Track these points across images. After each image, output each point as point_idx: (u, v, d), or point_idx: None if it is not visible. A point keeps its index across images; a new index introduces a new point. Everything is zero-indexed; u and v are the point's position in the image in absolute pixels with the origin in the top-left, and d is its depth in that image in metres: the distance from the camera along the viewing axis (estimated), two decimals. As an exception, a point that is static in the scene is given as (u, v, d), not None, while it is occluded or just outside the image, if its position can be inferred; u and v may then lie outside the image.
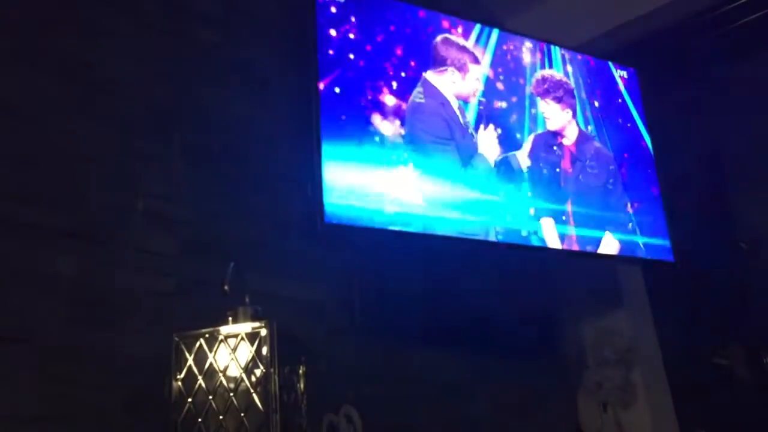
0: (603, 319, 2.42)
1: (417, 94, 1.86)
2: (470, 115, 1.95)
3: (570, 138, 2.15)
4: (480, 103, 1.97)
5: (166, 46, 1.58)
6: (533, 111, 2.10)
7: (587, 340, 2.42)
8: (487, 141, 1.95)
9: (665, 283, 2.56)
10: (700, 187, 2.83)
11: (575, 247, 2.01)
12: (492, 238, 1.87)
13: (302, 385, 1.20)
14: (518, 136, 2.04)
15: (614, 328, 2.38)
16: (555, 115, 2.14)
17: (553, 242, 1.98)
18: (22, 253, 1.23)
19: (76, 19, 1.44)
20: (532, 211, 1.97)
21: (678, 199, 2.41)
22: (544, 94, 2.15)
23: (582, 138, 2.17)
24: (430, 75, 1.90)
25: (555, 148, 2.10)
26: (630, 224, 2.15)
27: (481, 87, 1.99)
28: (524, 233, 1.94)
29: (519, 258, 2.11)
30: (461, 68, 1.97)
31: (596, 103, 2.28)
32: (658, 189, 2.32)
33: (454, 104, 1.91)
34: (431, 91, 1.89)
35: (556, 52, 2.26)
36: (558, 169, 2.08)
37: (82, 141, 1.37)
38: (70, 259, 1.29)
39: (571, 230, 2.03)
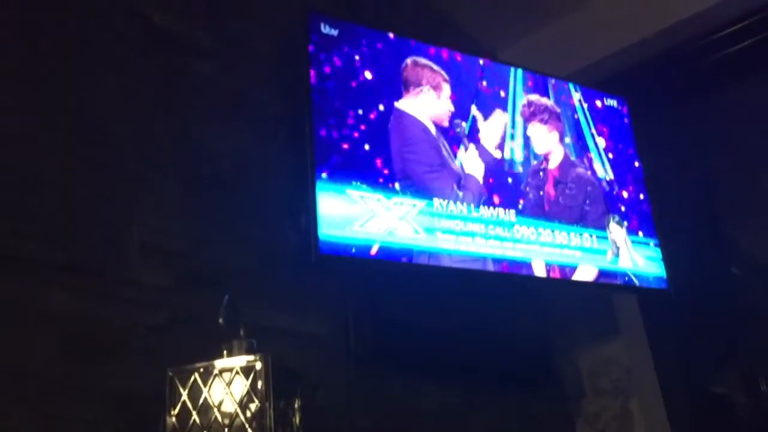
0: (600, 348, 2.42)
1: (396, 127, 1.86)
2: (448, 139, 1.95)
3: (554, 161, 2.17)
4: (456, 125, 1.98)
5: (159, 77, 1.59)
6: (513, 132, 2.11)
7: (584, 370, 2.41)
8: (472, 162, 1.96)
9: (661, 312, 2.56)
10: (694, 213, 2.84)
11: (557, 275, 2.01)
12: (489, 267, 1.87)
13: (298, 419, 1.19)
14: (499, 154, 2.05)
15: (611, 357, 2.38)
16: (542, 138, 2.17)
17: (541, 270, 1.98)
18: (13, 287, 1.22)
19: (73, 52, 1.44)
20: (522, 237, 1.97)
21: (671, 226, 2.42)
22: (531, 117, 2.17)
23: (566, 162, 2.19)
24: (402, 103, 1.90)
25: (541, 173, 2.12)
26: (609, 252, 2.15)
27: (452, 108, 1.99)
28: (518, 262, 1.94)
29: (515, 286, 2.11)
30: (436, 87, 1.98)
31: (590, 129, 2.30)
32: (651, 216, 2.33)
33: (432, 129, 1.92)
34: (409, 120, 1.89)
35: (546, 80, 2.29)
36: (542, 193, 2.09)
37: (76, 174, 1.37)
38: (63, 293, 1.27)
39: (556, 257, 2.02)
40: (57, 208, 1.33)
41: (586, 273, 2.07)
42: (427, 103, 1.94)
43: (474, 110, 2.05)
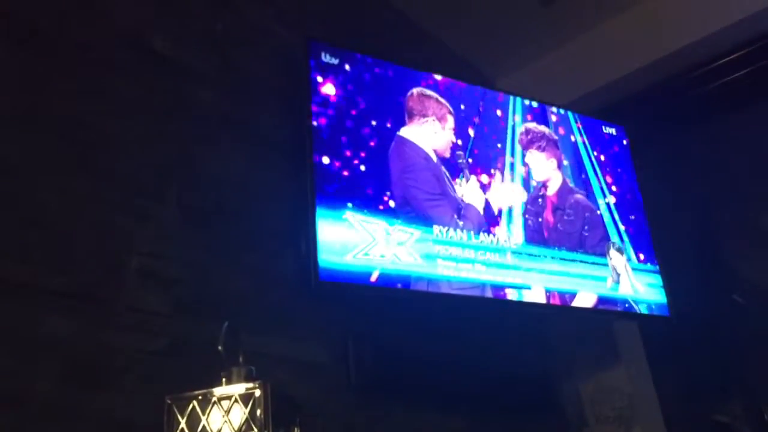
0: (602, 376, 2.40)
1: (397, 154, 1.87)
2: (450, 170, 1.96)
3: (552, 188, 2.18)
4: (458, 156, 1.99)
5: (162, 104, 1.60)
6: (512, 160, 2.13)
7: (586, 397, 2.39)
8: (473, 193, 1.97)
9: (663, 339, 2.54)
10: (694, 240, 2.84)
11: (557, 302, 2.01)
12: (488, 294, 1.87)
13: (297, 448, 1.18)
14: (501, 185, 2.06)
15: (613, 384, 2.36)
16: (540, 165, 2.18)
17: (541, 297, 1.97)
18: (12, 313, 1.22)
19: (74, 79, 1.46)
20: (522, 264, 1.97)
21: (672, 253, 2.42)
22: (529, 144, 2.19)
23: (564, 188, 2.20)
24: (405, 131, 1.92)
25: (540, 200, 2.13)
26: (609, 279, 2.15)
27: (454, 139, 2.01)
28: (518, 288, 1.93)
29: (515, 313, 2.10)
30: (441, 119, 2.00)
31: (589, 157, 2.32)
32: (650, 243, 2.33)
33: (434, 158, 1.94)
34: (411, 147, 1.91)
35: (545, 109, 2.30)
36: (540, 219, 2.09)
37: (73, 199, 1.38)
38: (62, 318, 1.27)
39: (556, 283, 2.02)
40: (57, 233, 1.33)
41: (586, 299, 2.06)
42: (430, 133, 1.95)
43: (473, 135, 2.06)
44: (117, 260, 1.40)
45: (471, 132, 2.06)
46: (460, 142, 2.01)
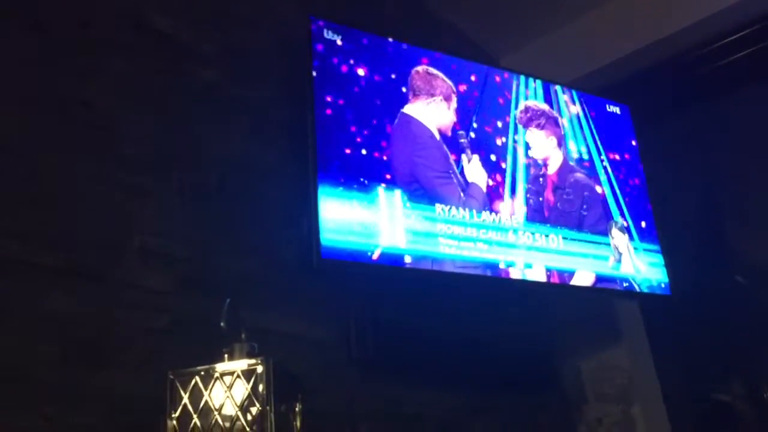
0: (602, 354, 2.41)
1: (403, 131, 1.87)
2: (452, 149, 1.96)
3: (553, 166, 2.17)
4: (460, 135, 1.98)
5: (163, 84, 1.60)
6: (516, 138, 2.12)
7: (586, 375, 2.40)
8: (476, 171, 1.97)
9: (663, 318, 2.55)
10: (696, 220, 2.84)
11: (557, 280, 2.01)
12: (488, 273, 1.87)
13: (298, 423, 1.18)
14: (503, 165, 2.05)
15: (613, 363, 2.37)
16: (540, 143, 2.17)
17: (541, 276, 1.98)
18: (14, 290, 1.23)
19: (76, 59, 1.45)
20: (523, 243, 1.98)
21: (674, 232, 2.41)
22: (528, 122, 2.17)
23: (565, 167, 2.19)
24: (410, 108, 1.91)
25: (540, 179, 2.12)
26: (611, 258, 2.15)
27: (455, 118, 2.00)
28: (519, 267, 1.94)
29: (516, 292, 2.10)
30: (447, 98, 1.99)
31: (593, 136, 2.31)
32: (653, 222, 2.33)
33: (437, 136, 1.93)
34: (417, 126, 1.90)
35: (549, 87, 2.29)
36: (541, 199, 2.09)
37: (78, 178, 1.38)
38: (64, 296, 1.28)
39: (556, 262, 2.02)
40: (58, 212, 1.33)
41: (585, 278, 2.07)
42: (435, 112, 1.94)
43: (475, 116, 2.06)
44: (118, 238, 1.41)
45: (473, 110, 2.05)
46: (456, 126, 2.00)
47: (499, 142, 2.08)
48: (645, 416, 2.31)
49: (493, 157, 2.04)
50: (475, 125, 2.04)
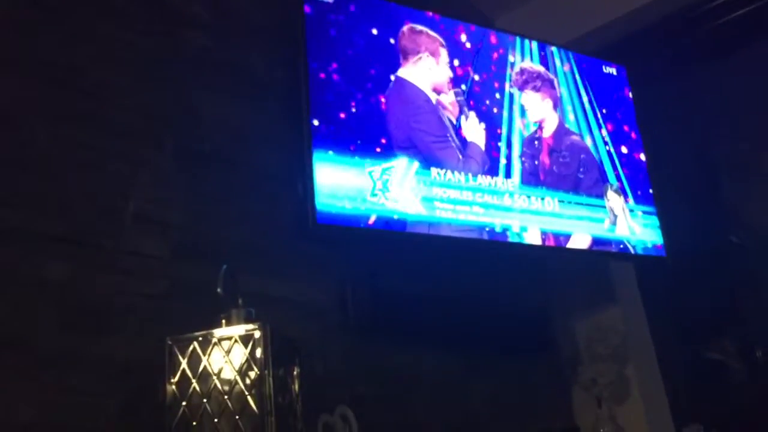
0: (597, 316, 2.43)
1: (398, 96, 1.85)
2: (451, 108, 1.94)
3: (548, 129, 2.16)
4: (457, 93, 1.97)
5: (155, 49, 1.58)
6: (512, 94, 2.11)
7: (581, 337, 2.43)
8: (474, 130, 1.96)
9: (658, 279, 2.57)
10: (691, 182, 2.84)
11: (552, 243, 2.02)
12: (485, 236, 1.88)
13: (297, 387, 1.20)
14: (500, 129, 2.05)
15: (607, 324, 2.40)
16: (535, 106, 2.16)
17: (536, 239, 1.98)
18: (12, 259, 1.22)
19: (62, 24, 1.43)
20: (519, 206, 1.98)
21: (670, 194, 2.42)
22: (524, 85, 2.16)
23: (561, 130, 2.18)
24: (403, 72, 1.89)
25: (536, 142, 2.11)
26: (606, 220, 2.15)
27: (451, 73, 1.98)
28: (515, 230, 1.94)
29: (512, 255, 2.11)
30: (434, 53, 1.96)
31: (589, 98, 2.29)
32: (649, 184, 2.33)
33: (433, 99, 1.91)
34: (411, 89, 1.88)
35: (545, 48, 2.27)
36: (537, 162, 2.09)
37: (71, 145, 1.37)
38: (60, 263, 1.28)
39: (551, 225, 2.03)
40: (53, 179, 1.32)
41: (581, 241, 2.07)
42: (426, 71, 1.92)
43: (472, 73, 2.04)
44: (114, 205, 1.40)
45: (470, 70, 2.04)
46: (456, 84, 1.98)
47: (497, 96, 2.06)
48: (639, 376, 2.34)
49: (495, 110, 2.03)
50: (476, 77, 2.02)
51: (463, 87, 1.98)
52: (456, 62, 2.01)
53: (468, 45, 2.07)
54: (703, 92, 2.83)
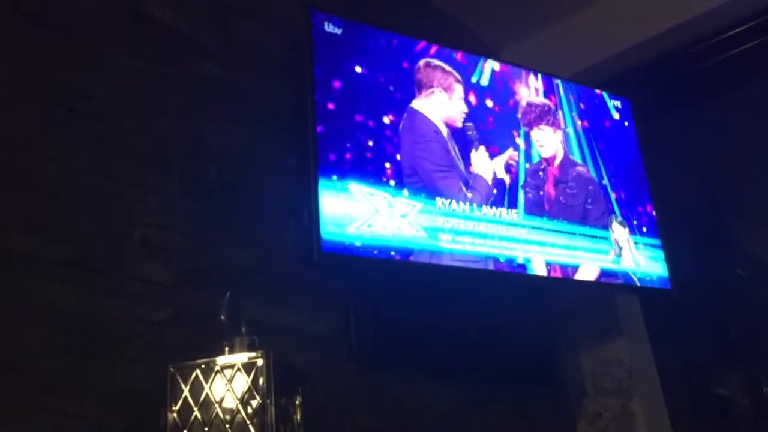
0: (602, 348, 2.41)
1: (409, 126, 1.86)
2: (460, 141, 1.95)
3: (555, 160, 2.17)
4: (467, 128, 1.98)
5: (164, 77, 1.60)
6: (524, 132, 2.12)
7: (586, 369, 2.40)
8: (482, 163, 1.97)
9: (663, 312, 2.55)
10: (696, 214, 2.84)
11: (558, 274, 2.01)
12: (490, 266, 1.87)
13: (299, 416, 1.19)
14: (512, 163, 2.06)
15: (613, 356, 2.37)
16: (548, 140, 2.17)
17: (541, 270, 1.98)
18: (17, 283, 1.23)
19: (75, 51, 1.45)
20: (523, 237, 1.97)
21: (675, 227, 2.41)
22: (537, 121, 2.17)
23: (566, 161, 2.19)
24: (416, 103, 1.91)
25: (540, 173, 2.12)
26: (611, 252, 2.15)
27: (465, 108, 2.00)
28: (520, 261, 1.94)
29: (516, 286, 2.11)
30: (447, 88, 1.98)
31: (593, 130, 2.30)
32: (654, 217, 2.33)
33: (444, 131, 1.93)
34: (422, 120, 1.90)
35: (550, 81, 2.28)
36: (541, 192, 2.09)
37: (79, 171, 1.38)
38: (65, 288, 1.28)
39: (557, 256, 2.02)
40: (59, 204, 1.33)
41: (587, 272, 2.07)
42: (439, 105, 1.94)
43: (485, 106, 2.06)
44: (119, 231, 1.41)
45: (480, 103, 2.05)
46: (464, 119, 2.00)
47: (506, 138, 2.08)
48: (645, 410, 2.32)
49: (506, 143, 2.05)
50: (484, 119, 2.04)
51: (473, 125, 2.00)
52: (471, 98, 2.03)
53: (484, 82, 2.09)
54: (708, 125, 2.84)
